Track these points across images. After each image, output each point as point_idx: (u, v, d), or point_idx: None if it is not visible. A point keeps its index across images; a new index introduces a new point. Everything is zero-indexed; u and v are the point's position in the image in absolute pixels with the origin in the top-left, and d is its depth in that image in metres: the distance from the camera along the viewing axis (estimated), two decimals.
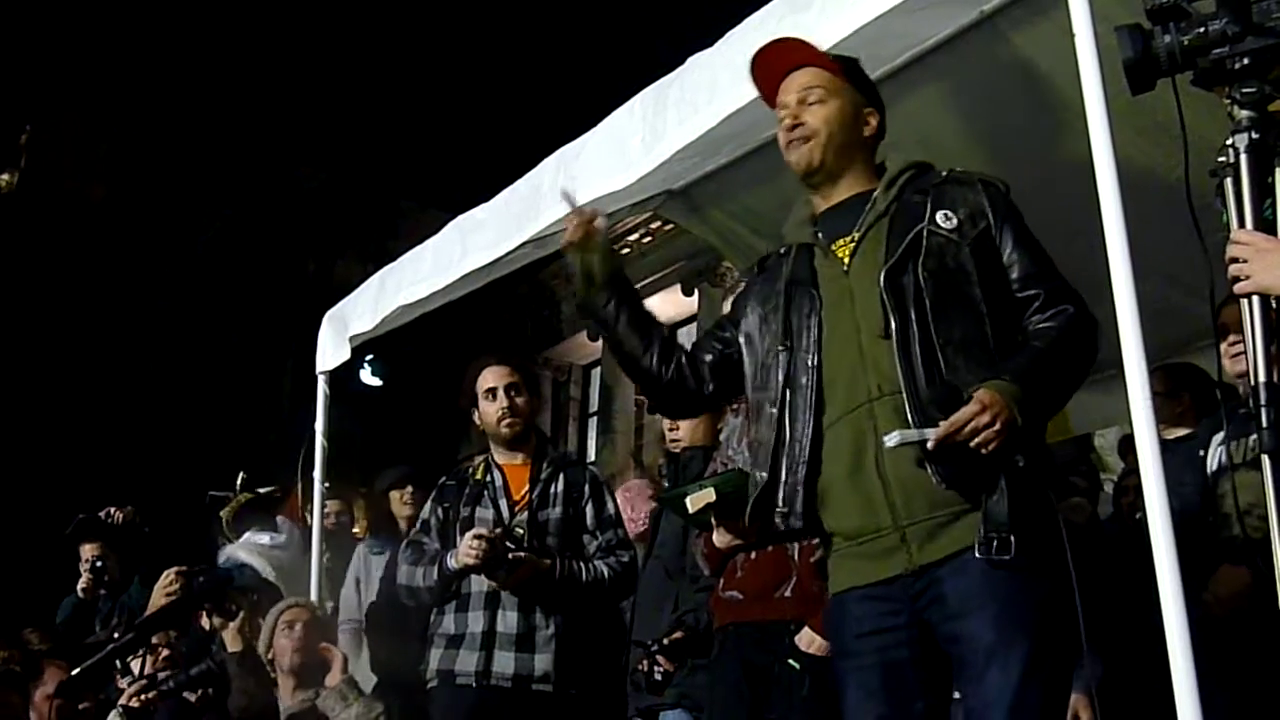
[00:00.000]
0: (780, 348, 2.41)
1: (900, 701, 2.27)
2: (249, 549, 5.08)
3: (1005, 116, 3.40)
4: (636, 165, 3.40)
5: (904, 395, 2.23)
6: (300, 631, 3.82)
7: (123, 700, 3.49)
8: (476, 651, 3.55)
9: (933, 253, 2.31)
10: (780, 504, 2.37)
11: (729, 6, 3.27)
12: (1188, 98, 2.02)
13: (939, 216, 2.34)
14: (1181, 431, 3.76)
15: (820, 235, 2.46)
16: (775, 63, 2.54)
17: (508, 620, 3.56)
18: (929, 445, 2.17)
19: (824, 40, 2.77)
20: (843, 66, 2.53)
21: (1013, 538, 2.14)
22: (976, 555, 2.15)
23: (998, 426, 2.14)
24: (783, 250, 2.55)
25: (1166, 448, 3.66)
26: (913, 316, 2.26)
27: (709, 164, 3.68)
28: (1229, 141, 1.90)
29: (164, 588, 4.11)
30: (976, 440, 2.14)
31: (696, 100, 3.23)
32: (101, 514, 6.10)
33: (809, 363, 2.36)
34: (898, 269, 2.30)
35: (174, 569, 4.42)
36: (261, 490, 5.52)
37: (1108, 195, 2.31)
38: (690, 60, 3.32)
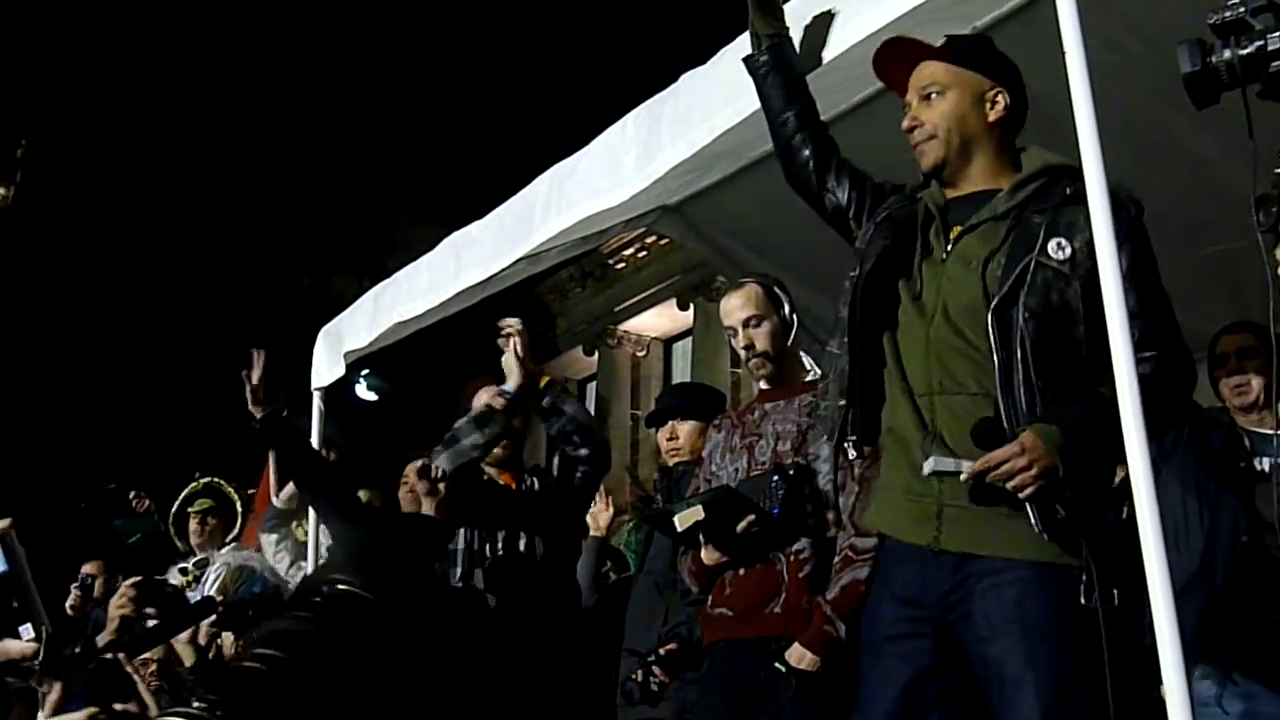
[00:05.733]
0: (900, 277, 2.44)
1: (917, 703, 2.28)
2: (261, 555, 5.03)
3: None
4: (630, 182, 3.40)
5: (1004, 422, 2.23)
6: None
7: None
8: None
9: (1036, 289, 2.28)
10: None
11: (722, 24, 3.28)
12: (1188, 114, 2.01)
13: (1051, 245, 2.30)
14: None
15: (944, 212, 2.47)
16: (899, 56, 2.52)
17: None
18: (962, 478, 2.20)
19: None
20: (962, 53, 2.48)
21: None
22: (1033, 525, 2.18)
23: (1034, 471, 2.14)
24: (918, 196, 2.52)
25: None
26: (1017, 357, 2.25)
27: (704, 180, 3.69)
28: None
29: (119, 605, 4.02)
30: (1011, 484, 2.15)
31: (690, 117, 3.23)
32: (130, 495, 6.17)
33: (915, 291, 2.40)
34: (1006, 302, 2.28)
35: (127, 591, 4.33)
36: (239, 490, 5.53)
37: (1099, 214, 2.31)
38: (684, 77, 3.33)
